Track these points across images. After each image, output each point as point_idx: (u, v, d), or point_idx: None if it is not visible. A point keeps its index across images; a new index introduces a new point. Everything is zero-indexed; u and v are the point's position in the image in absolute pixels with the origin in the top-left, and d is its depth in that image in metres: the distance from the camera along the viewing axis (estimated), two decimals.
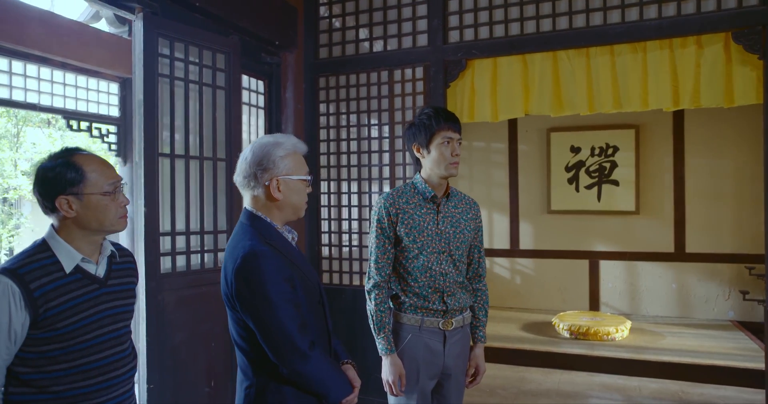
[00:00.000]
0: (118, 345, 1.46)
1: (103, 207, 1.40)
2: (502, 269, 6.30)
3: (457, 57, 3.33)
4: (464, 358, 2.13)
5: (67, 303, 1.34)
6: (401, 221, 2.00)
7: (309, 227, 3.74)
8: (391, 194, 2.05)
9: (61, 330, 1.33)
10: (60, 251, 1.37)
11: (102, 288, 1.44)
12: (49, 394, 1.34)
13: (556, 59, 3.22)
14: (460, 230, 2.08)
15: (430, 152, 2.00)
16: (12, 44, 3.39)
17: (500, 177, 6.30)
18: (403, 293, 2.04)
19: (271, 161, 1.49)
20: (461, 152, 2.09)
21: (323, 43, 3.75)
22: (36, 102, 3.65)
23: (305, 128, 3.75)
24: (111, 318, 1.44)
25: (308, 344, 1.42)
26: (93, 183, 1.39)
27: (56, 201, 1.36)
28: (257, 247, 1.41)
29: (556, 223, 6.06)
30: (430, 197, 2.03)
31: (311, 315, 1.51)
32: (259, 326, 1.41)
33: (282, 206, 1.52)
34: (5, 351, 1.30)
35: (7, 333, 1.28)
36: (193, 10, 2.81)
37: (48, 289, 1.32)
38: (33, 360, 1.33)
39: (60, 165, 1.38)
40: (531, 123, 6.11)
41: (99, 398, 1.39)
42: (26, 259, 1.35)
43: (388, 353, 1.97)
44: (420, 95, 3.44)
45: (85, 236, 1.42)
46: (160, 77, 2.55)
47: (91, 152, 1.46)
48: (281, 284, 1.41)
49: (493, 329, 5.17)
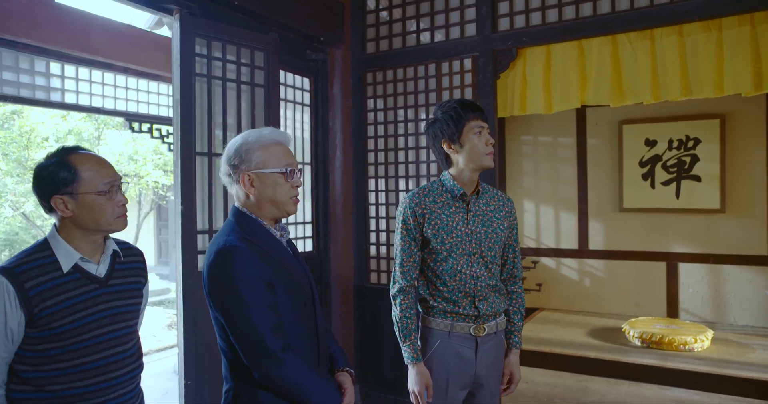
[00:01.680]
0: (119, 346, 1.44)
1: (98, 207, 1.38)
2: (569, 270, 5.95)
3: (507, 46, 3.13)
4: (498, 367, 1.98)
5: (63, 303, 1.33)
6: (428, 221, 1.87)
7: (357, 225, 3.68)
8: (417, 193, 1.92)
9: (57, 330, 1.32)
10: (59, 251, 1.37)
11: (102, 288, 1.42)
12: (46, 393, 1.33)
13: (616, 44, 2.94)
14: (493, 229, 1.93)
15: (463, 146, 1.87)
16: (78, 52, 3.60)
17: (568, 173, 5.95)
18: (431, 297, 1.91)
19: (239, 156, 1.43)
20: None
21: (370, 37, 3.67)
22: (100, 106, 3.86)
23: (353, 125, 3.69)
24: (111, 318, 1.42)
25: (280, 346, 1.33)
26: (87, 182, 1.37)
27: (51, 201, 1.36)
28: (231, 243, 1.35)
29: (629, 222, 5.63)
30: (459, 195, 1.89)
31: (295, 316, 1.42)
32: (230, 326, 1.34)
33: (259, 202, 1.44)
34: (3, 349, 1.31)
35: (4, 331, 1.29)
36: (233, 9, 2.83)
37: (44, 288, 1.32)
38: (31, 358, 1.33)
39: (54, 164, 1.37)
40: (601, 115, 5.72)
41: (97, 398, 1.38)
42: (25, 258, 1.35)
43: (414, 362, 1.85)
44: (468, 88, 3.28)
45: (84, 236, 1.41)
46: (197, 77, 2.58)
47: (90, 151, 1.45)
48: (254, 282, 1.33)
49: (556, 333, 4.89)
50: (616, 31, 2.88)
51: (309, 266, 3.45)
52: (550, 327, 5.12)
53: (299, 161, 3.53)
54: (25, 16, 3.30)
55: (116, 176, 1.44)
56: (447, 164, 1.94)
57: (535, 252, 6.03)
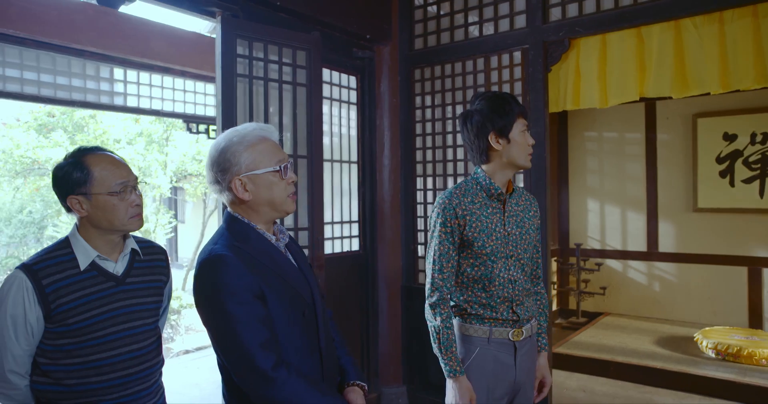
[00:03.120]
0: (134, 343, 1.45)
1: (111, 207, 1.39)
2: (637, 273, 5.60)
3: (559, 37, 2.96)
4: (534, 371, 1.89)
5: (79, 300, 1.36)
6: (469, 223, 1.75)
7: (405, 224, 3.63)
8: (455, 193, 1.79)
9: (73, 326, 1.35)
10: (78, 249, 1.41)
11: (119, 286, 1.44)
12: (63, 386, 1.37)
13: (680, 29, 2.71)
14: (526, 230, 1.83)
15: (511, 141, 1.75)
16: (139, 57, 3.77)
17: (636, 171, 5.60)
18: (467, 304, 1.80)
19: (227, 159, 1.30)
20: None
21: (418, 33, 3.60)
22: (159, 108, 4.03)
23: (401, 123, 3.64)
24: (126, 316, 1.44)
25: (272, 363, 1.20)
26: (100, 183, 1.39)
27: (68, 201, 1.39)
28: (217, 252, 1.25)
29: (705, 223, 5.21)
30: (496, 194, 1.78)
31: (292, 328, 1.30)
32: (217, 342, 1.25)
33: (255, 206, 1.33)
34: (24, 342, 1.36)
35: (24, 325, 1.34)
36: (275, 10, 2.85)
37: (60, 285, 1.35)
38: (50, 352, 1.37)
39: (69, 165, 1.40)
40: (673, 109, 5.33)
41: (111, 394, 1.40)
42: (45, 255, 1.39)
43: (457, 374, 1.72)
44: (518, 82, 3.14)
45: (101, 235, 1.43)
46: (239, 77, 2.62)
47: (107, 152, 1.46)
48: (240, 295, 1.22)
49: (620, 340, 4.61)
50: (679, 15, 2.65)
51: (355, 265, 3.49)
52: (613, 333, 4.84)
53: (345, 159, 3.53)
54: (91, 26, 3.50)
55: (130, 176, 1.45)
56: (484, 159, 1.81)
57: (600, 254, 5.73)
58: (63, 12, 3.38)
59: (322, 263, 2.95)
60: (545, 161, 2.99)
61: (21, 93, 3.51)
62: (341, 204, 3.48)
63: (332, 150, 3.43)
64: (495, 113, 1.74)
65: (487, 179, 1.79)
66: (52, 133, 6.21)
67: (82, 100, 3.76)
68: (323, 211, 3.00)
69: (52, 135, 6.21)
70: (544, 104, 3.00)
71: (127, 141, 6.47)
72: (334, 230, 3.41)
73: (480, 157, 1.82)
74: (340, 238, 3.46)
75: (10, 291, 1.34)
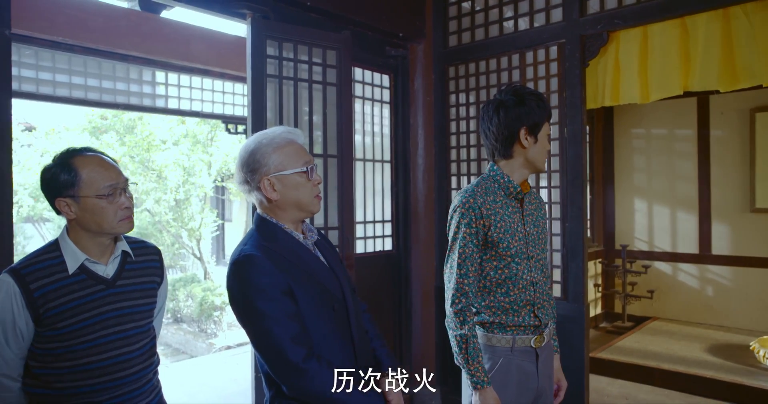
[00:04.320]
0: (126, 346, 1.42)
1: (99, 210, 1.36)
2: (687, 277, 5.33)
3: (597, 30, 2.85)
4: (552, 376, 1.84)
5: (68, 304, 1.34)
6: (494, 223, 1.67)
7: (438, 224, 3.58)
8: (477, 192, 1.70)
9: (63, 330, 1.33)
10: (66, 252, 1.38)
11: (109, 289, 1.41)
12: (53, 390, 1.36)
13: (728, 18, 2.55)
14: (541, 229, 1.78)
15: (537, 141, 1.68)
16: (179, 60, 3.89)
17: (686, 169, 5.32)
18: (488, 310, 1.72)
19: (257, 160, 1.36)
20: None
21: (452, 30, 3.54)
22: (199, 109, 4.14)
23: (435, 121, 3.60)
24: (117, 319, 1.41)
25: (302, 356, 1.27)
26: (88, 185, 1.35)
27: (56, 203, 1.37)
28: (247, 252, 1.32)
29: (763, 224, 4.90)
30: (515, 193, 1.72)
31: (323, 322, 1.36)
32: (251, 338, 1.32)
33: (283, 205, 1.39)
34: (15, 346, 1.34)
35: (13, 330, 1.32)
36: (306, 10, 2.87)
37: (48, 290, 1.33)
38: (40, 355, 1.36)
39: (56, 166, 1.37)
40: (728, 103, 5.04)
41: (101, 396, 1.38)
42: (33, 259, 1.37)
43: (485, 385, 1.63)
44: (554, 78, 3.04)
45: (90, 238, 1.40)
46: (269, 78, 2.64)
47: (97, 153, 1.43)
48: (269, 292, 1.28)
49: (668, 346, 4.40)
50: (727, 3, 2.49)
51: (388, 265, 3.47)
52: (661, 339, 4.63)
53: (378, 158, 3.51)
54: (134, 31, 3.63)
55: (119, 178, 1.41)
56: (508, 154, 1.72)
57: (648, 256, 5.49)
58: (108, 19, 3.53)
59: (352, 263, 2.95)
60: (581, 159, 2.88)
61: (69, 97, 3.68)
62: (374, 204, 3.47)
63: (364, 149, 3.42)
64: (532, 109, 1.67)
65: (506, 178, 1.71)
66: (103, 135, 6.51)
67: (125, 102, 3.91)
68: (353, 210, 2.99)
69: (103, 137, 6.50)
70: (581, 101, 2.89)
71: (173, 142, 6.70)
72: (367, 229, 3.41)
73: (504, 151, 1.72)
74: (372, 237, 3.45)
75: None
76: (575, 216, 2.94)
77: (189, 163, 6.55)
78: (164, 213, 6.81)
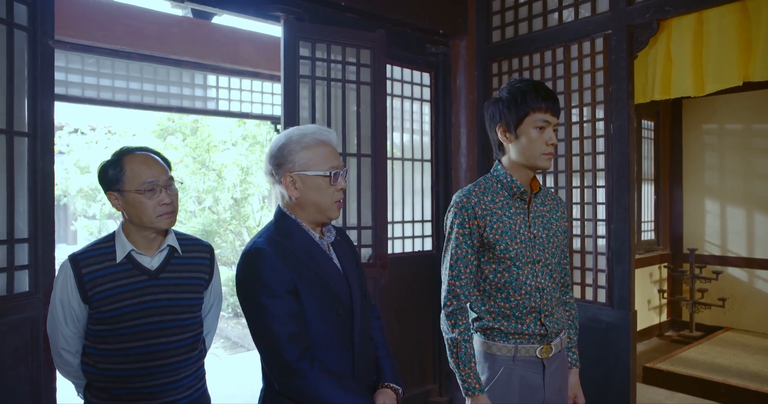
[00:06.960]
0: (163, 337, 1.49)
1: (138, 204, 1.46)
2: (766, 284, 4.89)
3: (646, 19, 2.66)
4: (565, 390, 1.70)
5: (113, 290, 1.45)
6: (490, 224, 1.58)
7: None
8: (473, 191, 1.63)
9: (106, 314, 1.45)
10: (118, 243, 1.50)
11: (151, 280, 1.50)
12: (96, 369, 1.48)
13: None
14: (553, 232, 1.66)
15: (519, 137, 1.58)
16: (229, 64, 4.03)
17: (765, 167, 4.89)
18: (489, 315, 1.63)
19: (284, 156, 1.36)
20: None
21: (496, 25, 3.44)
22: (249, 111, 4.26)
23: (478, 119, 3.51)
24: (156, 309, 1.48)
25: (296, 356, 1.26)
26: (130, 180, 1.46)
27: (107, 196, 1.50)
28: (259, 245, 1.33)
29: None
30: (519, 192, 1.62)
31: (325, 325, 1.34)
32: (250, 329, 1.33)
33: (303, 204, 1.38)
34: (72, 324, 1.48)
35: (69, 309, 1.47)
36: (341, 10, 2.88)
37: (97, 275, 1.45)
38: (91, 336, 1.49)
39: (108, 163, 1.50)
40: None
41: (136, 383, 1.47)
42: (91, 247, 1.51)
43: (476, 392, 1.55)
44: (600, 72, 2.88)
45: (137, 231, 1.51)
46: (303, 78, 2.67)
47: (146, 151, 1.53)
48: (273, 288, 1.28)
49: (739, 360, 4.05)
50: None
51: (427, 265, 3.42)
52: (732, 352, 4.27)
53: (418, 158, 3.47)
54: (187, 37, 3.80)
55: (160, 176, 1.49)
56: (500, 152, 1.67)
57: (720, 261, 5.08)
58: (163, 26, 3.71)
59: (385, 263, 2.93)
60: (628, 157, 2.71)
61: (127, 101, 3.91)
62: (413, 203, 3.43)
63: (403, 148, 3.39)
64: (506, 105, 1.59)
65: (508, 177, 1.62)
66: (169, 137, 6.87)
67: (179, 106, 4.10)
68: (386, 210, 2.97)
69: (169, 139, 6.86)
70: (628, 95, 2.72)
71: (231, 143, 6.95)
72: (405, 229, 3.38)
73: (496, 149, 1.68)
74: (411, 237, 3.41)
75: (59, 278, 1.49)
76: (621, 217, 2.77)
77: (246, 163, 6.78)
78: (223, 211, 7.09)
